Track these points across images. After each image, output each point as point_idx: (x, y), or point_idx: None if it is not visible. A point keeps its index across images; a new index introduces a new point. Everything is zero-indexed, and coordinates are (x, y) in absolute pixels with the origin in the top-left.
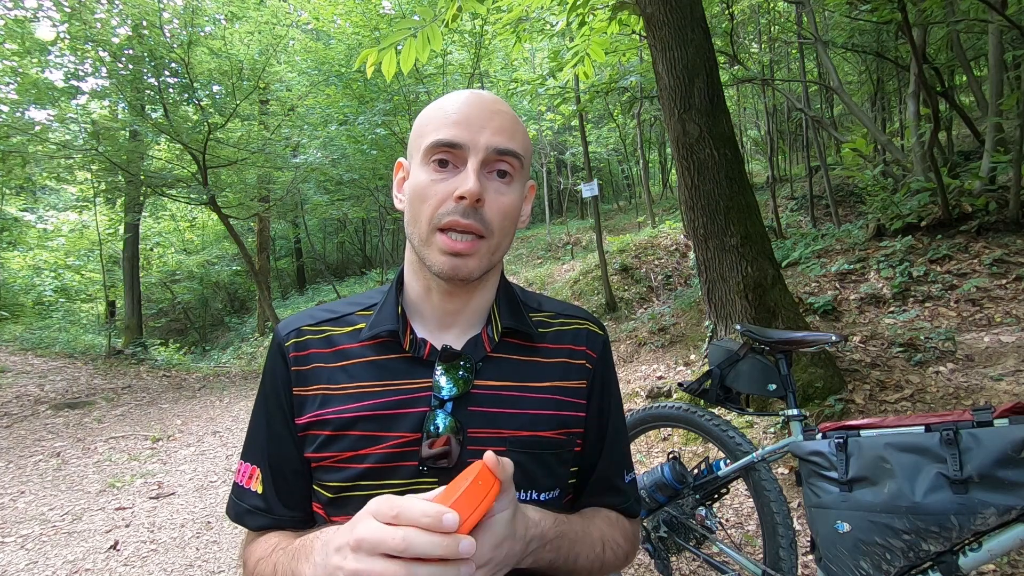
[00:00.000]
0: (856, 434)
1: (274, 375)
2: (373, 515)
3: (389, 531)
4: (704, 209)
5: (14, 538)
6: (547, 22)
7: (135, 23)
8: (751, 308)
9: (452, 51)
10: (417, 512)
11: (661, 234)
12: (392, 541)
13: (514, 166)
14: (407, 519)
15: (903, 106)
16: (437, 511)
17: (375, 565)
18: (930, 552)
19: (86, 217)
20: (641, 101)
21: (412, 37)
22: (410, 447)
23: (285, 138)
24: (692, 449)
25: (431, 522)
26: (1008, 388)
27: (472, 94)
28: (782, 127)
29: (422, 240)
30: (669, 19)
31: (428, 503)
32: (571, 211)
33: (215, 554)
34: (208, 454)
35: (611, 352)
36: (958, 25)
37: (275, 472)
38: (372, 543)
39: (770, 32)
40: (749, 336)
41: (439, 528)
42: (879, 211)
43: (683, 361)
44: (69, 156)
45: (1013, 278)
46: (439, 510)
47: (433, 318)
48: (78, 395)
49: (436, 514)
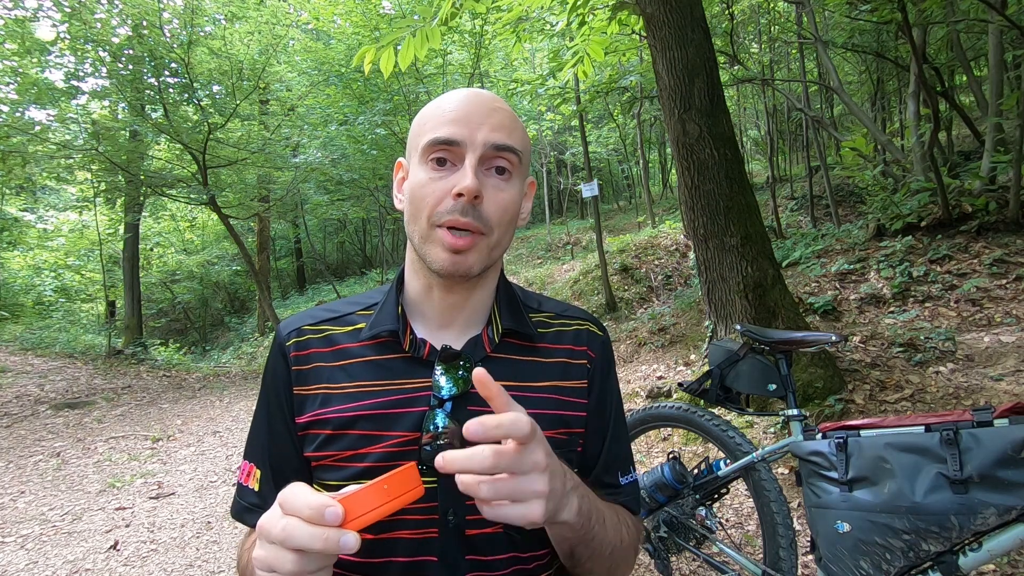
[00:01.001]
0: (856, 434)
1: (275, 374)
2: (278, 502)
3: (274, 520)
4: (704, 209)
5: (14, 538)
6: (547, 22)
7: (135, 23)
8: (751, 308)
9: (452, 51)
10: (300, 503)
11: (661, 234)
12: (274, 530)
13: (512, 163)
14: (291, 509)
15: (903, 106)
16: (320, 503)
17: (261, 552)
18: (930, 552)
19: (86, 217)
20: (641, 101)
21: (411, 36)
22: (409, 446)
23: (285, 138)
24: (692, 449)
25: (312, 514)
26: (1008, 388)
27: (470, 92)
28: (782, 127)
29: (422, 238)
30: (669, 19)
31: (316, 495)
32: (571, 211)
33: (215, 554)
34: (208, 454)
35: (612, 352)
36: (958, 25)
37: (276, 471)
38: (262, 531)
39: (770, 32)
40: (749, 336)
41: (320, 521)
42: (879, 211)
43: (683, 361)
44: (69, 156)
45: (1013, 278)
46: (323, 503)
47: (433, 318)
48: (78, 395)
49: (319, 507)
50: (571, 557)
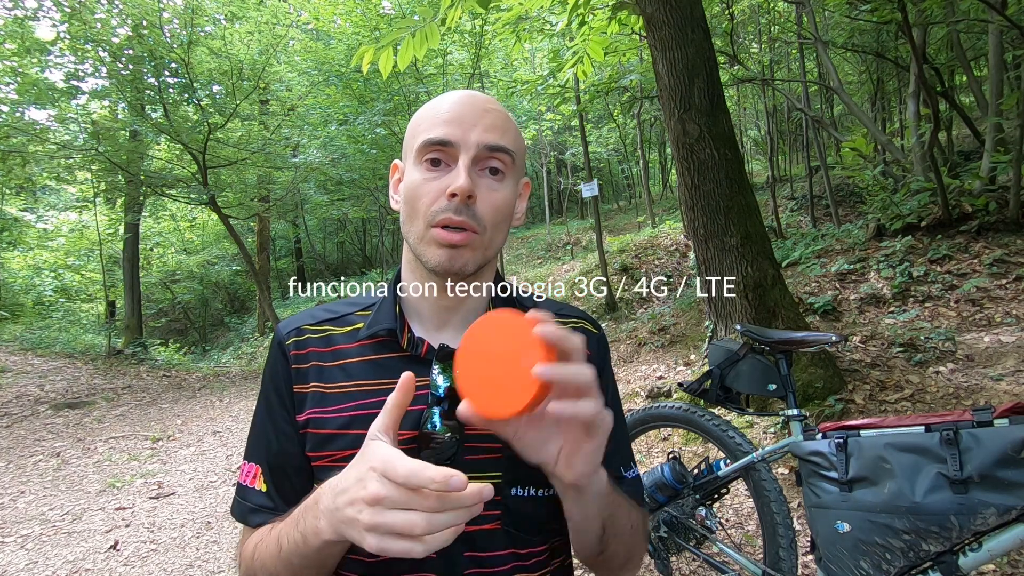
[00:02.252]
0: (856, 434)
1: (275, 373)
2: (381, 473)
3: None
4: (704, 209)
5: (14, 538)
6: (547, 22)
7: (135, 23)
8: (751, 308)
9: (452, 51)
10: (425, 478)
11: (661, 234)
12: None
13: (506, 163)
14: (416, 484)
15: (903, 106)
16: (444, 475)
17: (397, 517)
18: (930, 552)
19: (86, 217)
20: (641, 101)
21: (410, 36)
22: (408, 445)
23: (285, 138)
24: (692, 449)
25: (439, 487)
26: (1008, 388)
27: (464, 94)
28: (782, 127)
29: (417, 238)
30: (669, 19)
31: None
32: (571, 211)
33: (215, 554)
34: (208, 454)
35: (608, 351)
36: (958, 25)
37: (277, 470)
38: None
39: (770, 32)
40: (749, 336)
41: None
42: (879, 211)
43: (683, 361)
44: (69, 156)
45: (1013, 278)
46: (445, 474)
47: (430, 317)
48: (78, 395)
49: (443, 479)
50: (601, 537)
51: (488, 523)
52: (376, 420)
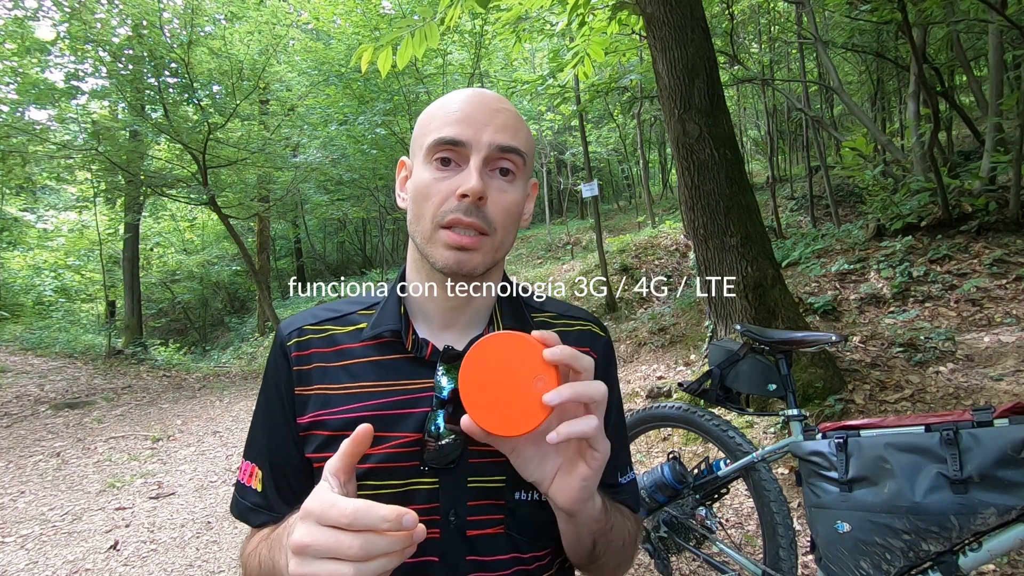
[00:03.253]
0: (856, 434)
1: (276, 374)
2: (316, 519)
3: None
4: (704, 209)
5: (14, 538)
6: (547, 22)
7: (135, 23)
8: (751, 308)
9: (452, 51)
10: (375, 518)
11: (661, 234)
12: (352, 549)
13: (516, 164)
14: (365, 524)
15: (903, 106)
16: (396, 514)
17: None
18: (930, 552)
19: (86, 217)
20: (641, 101)
21: (409, 36)
22: (412, 447)
23: (285, 138)
24: (692, 449)
25: (391, 526)
26: (1008, 388)
27: (475, 92)
28: (782, 127)
29: (425, 238)
30: (669, 19)
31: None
32: (571, 211)
33: (215, 554)
34: (208, 454)
35: (614, 354)
36: (958, 25)
37: (277, 470)
38: (321, 550)
39: (770, 32)
40: (749, 336)
41: (399, 530)
42: (879, 211)
43: (683, 361)
44: (69, 156)
45: (1013, 278)
46: (398, 512)
47: (435, 318)
48: (78, 395)
49: (396, 518)
50: (592, 552)
51: (491, 527)
52: (330, 461)
